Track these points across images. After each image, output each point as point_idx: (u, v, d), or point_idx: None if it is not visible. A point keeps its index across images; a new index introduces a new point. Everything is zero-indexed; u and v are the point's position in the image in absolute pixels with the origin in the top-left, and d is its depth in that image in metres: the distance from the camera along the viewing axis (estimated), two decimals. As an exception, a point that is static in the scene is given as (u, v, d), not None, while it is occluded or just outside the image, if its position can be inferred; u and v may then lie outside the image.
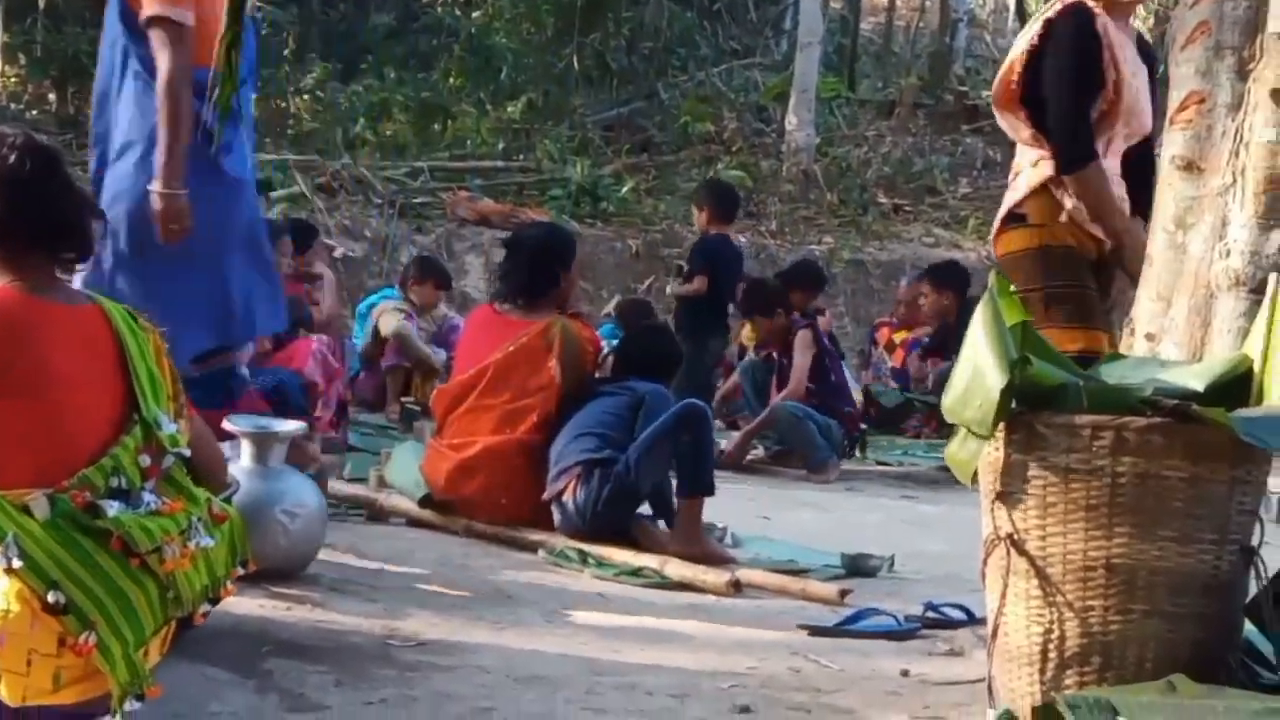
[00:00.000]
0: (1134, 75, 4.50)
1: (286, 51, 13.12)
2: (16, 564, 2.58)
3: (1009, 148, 7.74)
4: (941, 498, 7.43)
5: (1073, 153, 4.41)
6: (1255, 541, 3.00)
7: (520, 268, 6.10)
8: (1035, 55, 4.48)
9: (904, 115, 16.21)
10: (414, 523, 5.81)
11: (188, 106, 4.58)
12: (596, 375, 6.00)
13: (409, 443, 6.85)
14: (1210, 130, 3.65)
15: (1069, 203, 4.40)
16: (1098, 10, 4.45)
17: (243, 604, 3.93)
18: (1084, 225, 4.41)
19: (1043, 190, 4.50)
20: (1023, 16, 17.41)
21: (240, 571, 3.40)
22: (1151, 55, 4.69)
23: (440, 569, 4.91)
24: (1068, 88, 4.48)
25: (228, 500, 3.15)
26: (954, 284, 10.21)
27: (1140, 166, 4.58)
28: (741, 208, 11.23)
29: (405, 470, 6.14)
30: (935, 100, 17.00)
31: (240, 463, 4.27)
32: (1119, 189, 4.47)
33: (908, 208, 14.58)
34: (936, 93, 17.21)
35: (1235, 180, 3.47)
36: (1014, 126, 4.58)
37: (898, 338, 10.89)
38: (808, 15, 14.65)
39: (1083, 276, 4.40)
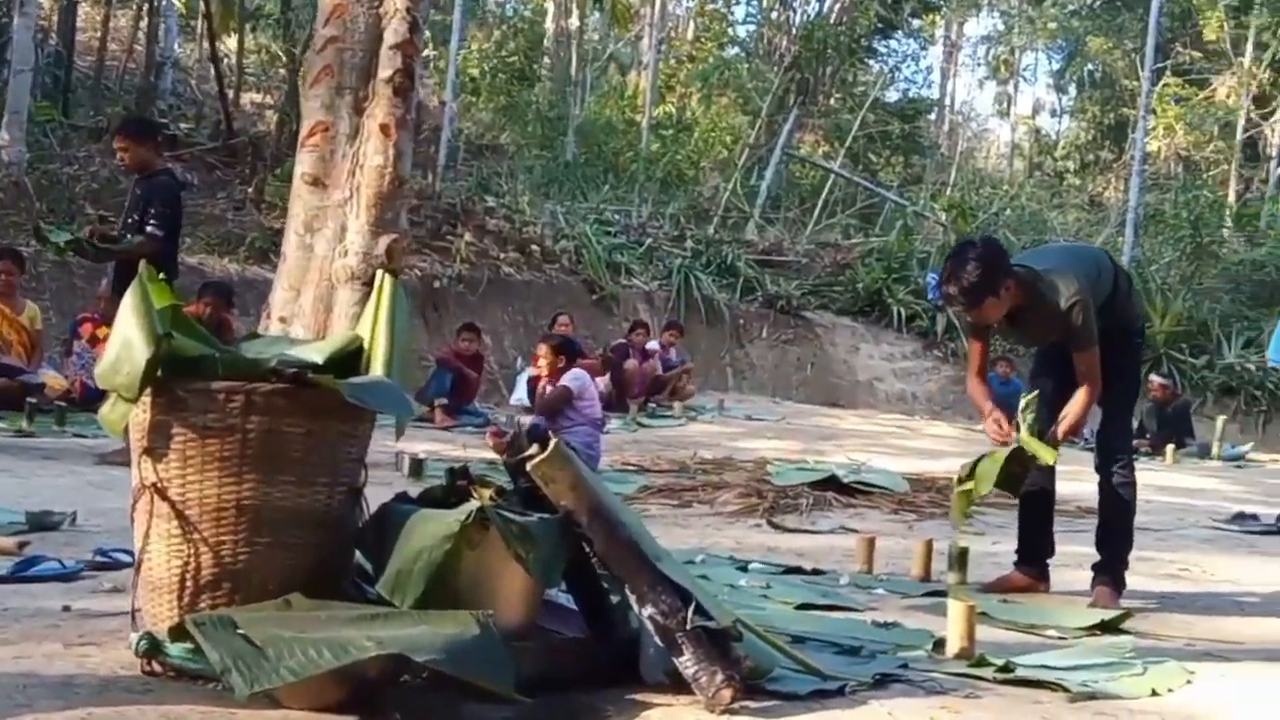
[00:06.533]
0: None
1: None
2: None
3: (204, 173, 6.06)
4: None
5: None
6: (361, 483, 2.33)
7: None
8: None
9: (111, 140, 13.52)
10: None
11: None
12: None
13: None
14: (333, 154, 2.88)
15: None
16: None
17: None
18: None
19: None
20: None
21: None
22: None
23: None
24: None
25: None
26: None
27: None
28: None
29: None
30: (141, 129, 14.17)
31: None
32: None
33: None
34: (143, 123, 14.39)
35: (353, 195, 2.80)
36: None
37: (100, 333, 7.45)
38: (20, 46, 10.94)
39: None
